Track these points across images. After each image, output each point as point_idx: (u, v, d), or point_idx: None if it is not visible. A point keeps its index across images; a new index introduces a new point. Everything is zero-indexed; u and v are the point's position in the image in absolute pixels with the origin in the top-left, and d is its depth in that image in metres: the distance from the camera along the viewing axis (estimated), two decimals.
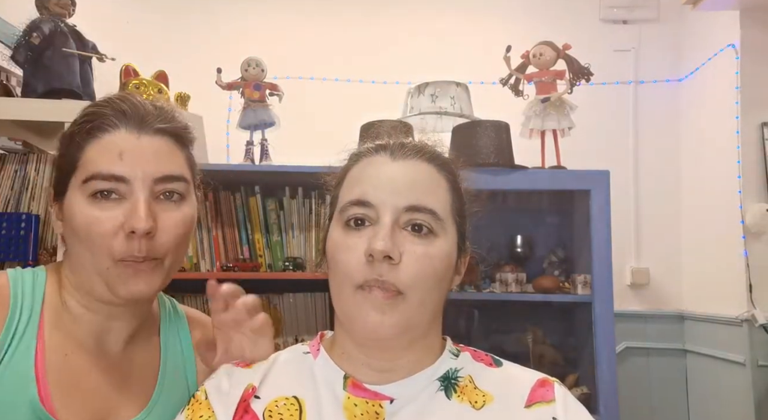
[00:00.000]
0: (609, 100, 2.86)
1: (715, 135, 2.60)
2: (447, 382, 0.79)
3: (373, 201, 0.76)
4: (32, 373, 0.76)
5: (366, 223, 0.76)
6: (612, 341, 2.01)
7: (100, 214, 0.79)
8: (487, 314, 2.27)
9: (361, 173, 0.80)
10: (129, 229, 0.77)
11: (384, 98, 2.62)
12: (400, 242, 0.74)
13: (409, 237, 0.75)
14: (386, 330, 0.74)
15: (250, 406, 0.78)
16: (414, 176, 0.78)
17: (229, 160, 2.66)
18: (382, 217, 0.75)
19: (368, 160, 0.81)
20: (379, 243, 0.72)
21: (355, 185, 0.79)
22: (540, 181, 2.12)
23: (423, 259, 0.74)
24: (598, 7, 2.92)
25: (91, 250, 0.79)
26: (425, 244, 0.75)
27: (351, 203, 0.77)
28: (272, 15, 2.92)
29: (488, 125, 2.14)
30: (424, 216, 0.76)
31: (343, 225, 0.78)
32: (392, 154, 0.80)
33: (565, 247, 2.35)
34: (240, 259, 2.20)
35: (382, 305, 0.73)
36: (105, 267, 0.79)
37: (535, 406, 0.78)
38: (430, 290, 0.76)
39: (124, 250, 0.78)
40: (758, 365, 2.33)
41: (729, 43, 2.51)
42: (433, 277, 0.75)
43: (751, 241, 2.39)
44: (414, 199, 0.76)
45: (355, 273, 0.74)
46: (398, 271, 0.73)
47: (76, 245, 0.81)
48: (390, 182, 0.77)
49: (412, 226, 0.76)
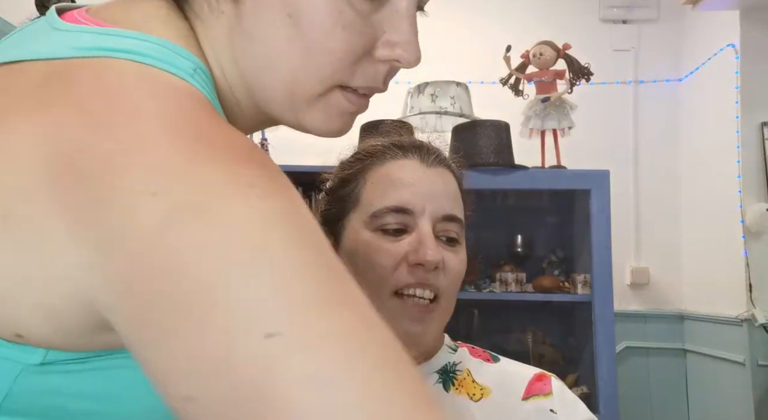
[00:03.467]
0: (609, 100, 2.86)
1: (715, 135, 2.60)
2: (445, 374, 0.80)
3: (413, 208, 0.76)
4: None
5: (404, 229, 0.76)
6: (612, 341, 2.01)
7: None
8: (487, 314, 2.27)
9: (394, 177, 0.78)
10: None
11: (384, 98, 2.61)
12: (441, 250, 0.76)
13: (444, 246, 0.77)
14: (428, 339, 0.77)
15: None
16: (446, 185, 0.80)
17: None
18: (422, 226, 0.75)
19: (397, 164, 0.79)
20: (432, 254, 0.73)
21: (389, 190, 0.77)
22: (540, 181, 2.12)
23: (459, 266, 0.78)
24: (598, 7, 2.92)
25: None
26: (456, 252, 0.78)
27: (389, 209, 0.75)
28: None
29: (488, 125, 2.14)
30: (455, 226, 0.78)
31: (374, 229, 0.76)
32: (423, 160, 0.79)
33: (565, 246, 2.35)
34: None
35: (421, 316, 0.75)
36: None
37: (532, 398, 0.79)
38: (454, 294, 0.79)
39: None
40: (758, 365, 2.33)
41: (729, 43, 2.51)
42: (458, 283, 0.79)
43: (751, 241, 2.39)
44: (449, 208, 0.78)
45: (394, 279, 0.74)
46: (438, 277, 0.75)
47: None
48: (429, 190, 0.78)
49: (447, 237, 0.78)
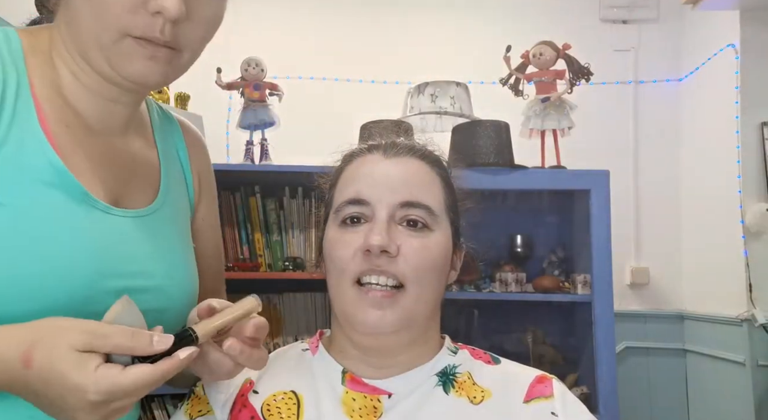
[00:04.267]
0: (609, 100, 2.86)
1: (715, 135, 2.60)
2: (445, 377, 0.80)
3: (368, 198, 0.77)
4: (43, 136, 0.69)
5: (362, 220, 0.77)
6: (612, 341, 2.01)
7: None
8: (487, 314, 2.27)
9: (355, 173, 0.81)
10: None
11: (384, 98, 2.62)
12: (397, 236, 0.75)
13: (406, 231, 0.76)
14: (387, 326, 0.74)
15: (248, 401, 0.78)
16: (408, 173, 0.80)
17: (229, 160, 2.66)
18: (378, 214, 0.76)
19: (361, 160, 0.83)
20: (375, 238, 0.73)
21: (349, 185, 0.80)
22: (540, 181, 2.12)
23: (421, 251, 0.76)
24: (598, 7, 2.92)
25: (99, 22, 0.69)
26: (422, 237, 0.77)
27: (346, 202, 0.78)
28: (272, 15, 2.92)
29: (488, 125, 2.14)
30: (419, 211, 0.77)
31: (339, 224, 0.79)
32: (385, 152, 0.82)
33: (565, 246, 2.35)
34: (240, 259, 2.20)
35: (380, 302, 0.74)
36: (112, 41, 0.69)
37: (533, 401, 0.79)
38: (430, 283, 0.77)
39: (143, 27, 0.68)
40: (758, 365, 2.33)
41: (729, 43, 2.51)
42: (432, 269, 0.77)
43: (751, 241, 2.39)
44: (408, 194, 0.77)
45: (351, 267, 0.75)
46: (397, 263, 0.74)
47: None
48: (384, 179, 0.78)
49: (408, 222, 0.77)
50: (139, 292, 0.70)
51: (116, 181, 0.76)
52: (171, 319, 0.76)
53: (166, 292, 0.76)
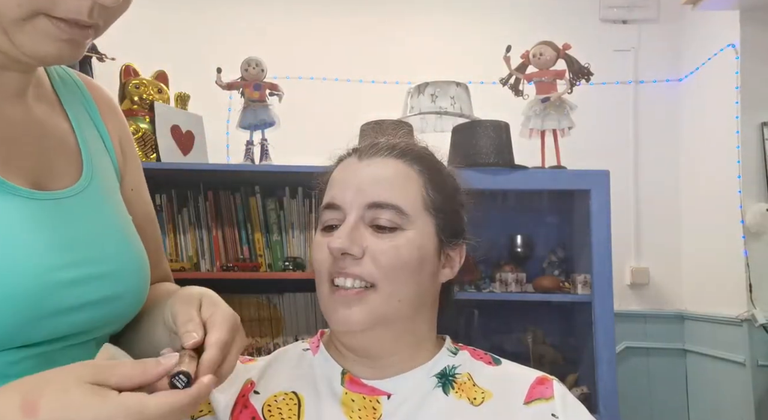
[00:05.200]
0: (609, 100, 2.86)
1: (715, 135, 2.60)
2: (444, 378, 0.80)
3: (340, 203, 0.79)
4: None
5: (337, 225, 0.78)
6: (612, 341, 2.01)
7: None
8: (487, 314, 2.27)
9: (335, 177, 0.83)
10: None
11: (384, 98, 2.62)
12: (362, 238, 0.76)
13: (375, 233, 0.77)
14: (355, 323, 0.75)
15: (249, 401, 0.79)
16: (378, 173, 0.80)
17: (229, 160, 2.66)
18: (348, 217, 0.77)
19: (343, 164, 0.84)
20: (335, 241, 0.75)
21: (329, 190, 0.82)
22: (540, 181, 2.12)
23: (389, 251, 0.76)
24: (598, 7, 2.92)
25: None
26: (390, 238, 0.77)
27: (324, 207, 0.81)
28: (272, 15, 2.92)
29: (488, 125, 2.14)
30: (387, 213, 0.77)
31: (321, 228, 0.81)
32: (360, 156, 0.82)
33: (565, 246, 2.35)
34: (240, 259, 2.20)
35: (349, 300, 0.75)
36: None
37: (534, 403, 0.79)
38: (404, 282, 0.77)
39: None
40: (758, 365, 2.33)
41: (729, 43, 2.51)
42: (402, 268, 0.76)
43: (751, 241, 2.39)
44: (375, 195, 0.77)
45: (325, 268, 0.77)
46: (363, 264, 0.75)
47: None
48: (355, 181, 0.79)
49: (374, 225, 0.77)
50: (94, 280, 0.67)
51: (29, 159, 0.67)
52: (127, 306, 0.72)
53: (120, 276, 0.71)
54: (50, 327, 0.63)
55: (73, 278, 0.65)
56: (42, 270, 0.62)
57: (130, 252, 0.74)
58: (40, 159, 0.69)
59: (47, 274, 0.62)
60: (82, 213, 0.70)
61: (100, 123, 0.80)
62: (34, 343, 0.63)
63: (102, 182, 0.75)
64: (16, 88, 0.70)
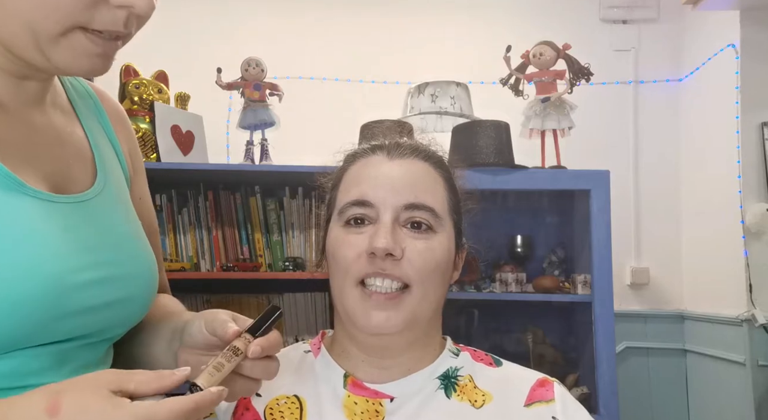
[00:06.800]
0: (609, 100, 2.86)
1: (715, 135, 2.60)
2: (447, 380, 0.80)
3: (372, 200, 0.77)
4: None
5: (366, 222, 0.77)
6: (612, 341, 2.01)
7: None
8: (487, 314, 2.27)
9: (359, 174, 0.81)
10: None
11: (384, 98, 2.62)
12: (401, 239, 0.75)
13: (410, 234, 0.76)
14: (392, 327, 0.75)
15: (250, 404, 0.78)
16: (412, 175, 0.79)
17: (229, 160, 2.66)
18: (382, 216, 0.76)
19: (365, 161, 0.82)
20: (381, 241, 0.73)
21: (353, 186, 0.80)
22: (540, 181, 2.12)
23: (426, 253, 0.76)
24: (598, 7, 2.92)
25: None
26: (426, 239, 0.77)
27: (351, 204, 0.78)
28: (272, 15, 2.92)
29: (488, 125, 2.14)
30: (423, 214, 0.77)
31: (342, 224, 0.78)
32: (389, 154, 0.81)
33: (565, 247, 2.35)
34: (240, 259, 2.20)
35: (384, 304, 0.74)
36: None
37: (534, 405, 0.79)
38: (434, 284, 0.77)
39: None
40: (758, 365, 2.33)
41: (729, 43, 2.51)
42: (435, 270, 0.77)
43: (751, 241, 2.39)
44: (413, 197, 0.77)
45: (356, 268, 0.75)
46: (401, 265, 0.74)
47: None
48: (389, 181, 0.78)
49: (412, 224, 0.77)
50: (109, 282, 0.69)
51: (49, 163, 0.70)
52: (138, 308, 0.74)
53: (133, 278, 0.73)
54: (67, 327, 0.66)
55: (91, 280, 0.67)
56: (62, 271, 0.64)
57: (142, 256, 0.77)
58: (59, 164, 0.71)
59: (67, 276, 0.64)
60: (98, 216, 0.72)
61: (111, 133, 0.82)
62: (51, 342, 0.65)
63: (115, 188, 0.78)
64: (36, 96, 0.72)
